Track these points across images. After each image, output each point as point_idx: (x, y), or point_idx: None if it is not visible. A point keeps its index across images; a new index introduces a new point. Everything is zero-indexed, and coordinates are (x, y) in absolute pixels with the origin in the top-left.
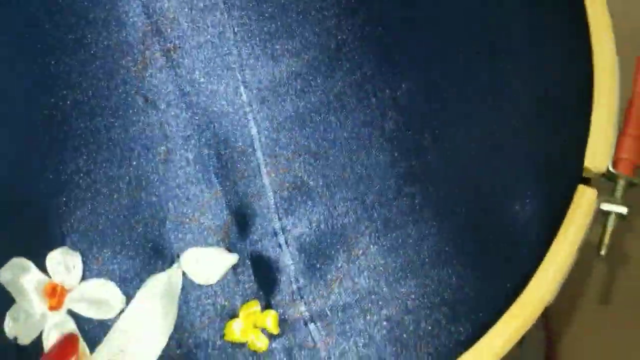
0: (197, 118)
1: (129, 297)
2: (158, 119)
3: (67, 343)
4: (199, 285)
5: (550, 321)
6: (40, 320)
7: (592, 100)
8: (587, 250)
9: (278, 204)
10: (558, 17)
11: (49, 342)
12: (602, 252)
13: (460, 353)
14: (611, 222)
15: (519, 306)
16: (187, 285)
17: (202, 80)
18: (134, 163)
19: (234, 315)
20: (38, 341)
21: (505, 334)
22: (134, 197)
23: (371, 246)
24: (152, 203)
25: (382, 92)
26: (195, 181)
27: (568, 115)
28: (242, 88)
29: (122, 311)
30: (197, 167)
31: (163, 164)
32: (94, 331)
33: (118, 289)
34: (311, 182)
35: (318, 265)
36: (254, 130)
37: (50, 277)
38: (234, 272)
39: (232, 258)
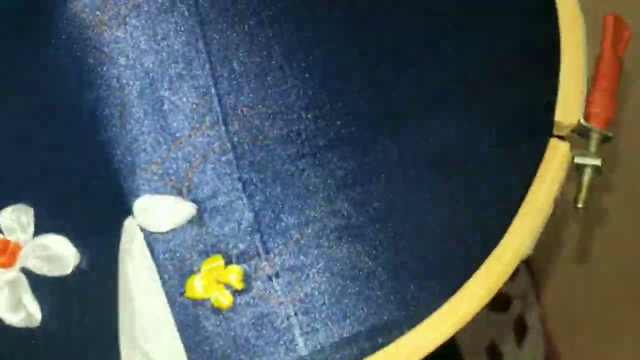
0: (153, 69)
1: (83, 252)
2: (116, 72)
3: None
4: (155, 239)
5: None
6: None
7: (559, 55)
8: (564, 212)
9: (240, 156)
10: None
11: (0, 301)
12: (580, 205)
13: (434, 309)
14: (587, 175)
15: (494, 259)
16: (146, 237)
17: (160, 35)
18: (91, 116)
19: (194, 270)
20: None
21: (482, 288)
22: (90, 150)
23: (342, 201)
24: (108, 155)
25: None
26: (153, 134)
27: (536, 71)
28: (201, 42)
29: (76, 267)
30: (154, 119)
31: (119, 116)
32: (47, 289)
33: (71, 244)
34: (275, 133)
35: (284, 219)
36: (211, 80)
37: (3, 234)
38: (193, 225)
39: (190, 208)
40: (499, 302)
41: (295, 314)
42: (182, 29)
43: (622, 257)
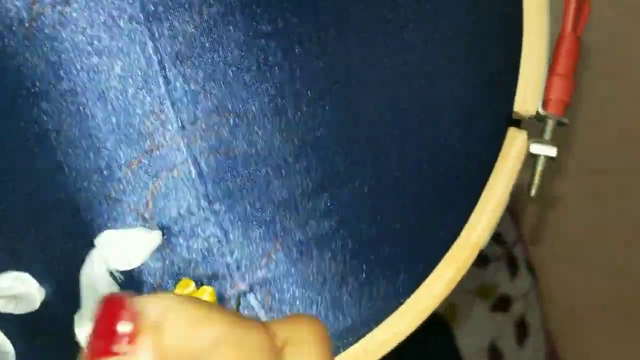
0: (103, 80)
1: (49, 285)
2: (69, 85)
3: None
4: (122, 272)
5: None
6: None
7: (521, 40)
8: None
9: (203, 174)
10: None
11: None
12: (533, 193)
13: (400, 303)
14: (541, 163)
15: (454, 253)
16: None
17: (103, 36)
18: (40, 134)
19: None
20: None
21: (443, 280)
22: (40, 174)
23: (310, 211)
24: (64, 182)
25: (308, 41)
26: (109, 155)
27: (496, 56)
28: (149, 43)
29: (43, 302)
30: (109, 138)
31: (76, 132)
32: (16, 328)
33: (34, 280)
34: (238, 146)
35: (254, 234)
36: (164, 92)
37: None
38: (160, 252)
39: (155, 238)
40: (500, 302)
41: None
42: (126, 24)
43: (621, 256)
